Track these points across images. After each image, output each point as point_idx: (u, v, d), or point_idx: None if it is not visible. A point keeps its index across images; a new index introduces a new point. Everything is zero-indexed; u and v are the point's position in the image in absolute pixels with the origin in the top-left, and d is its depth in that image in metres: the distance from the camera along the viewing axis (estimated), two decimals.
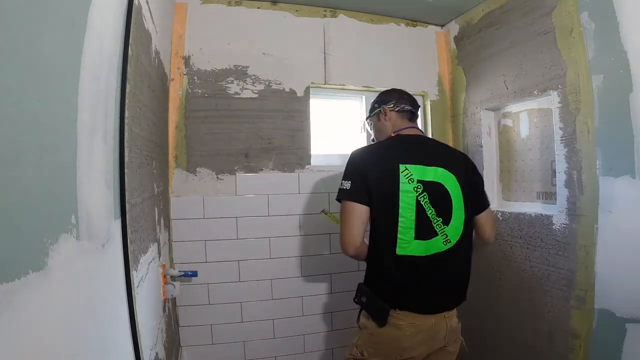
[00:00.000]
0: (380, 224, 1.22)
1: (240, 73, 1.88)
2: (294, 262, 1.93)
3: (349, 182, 1.22)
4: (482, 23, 1.96)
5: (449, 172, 1.25)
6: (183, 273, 1.59)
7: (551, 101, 1.58)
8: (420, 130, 1.39)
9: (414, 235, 1.19)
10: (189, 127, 1.81)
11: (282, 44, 1.96)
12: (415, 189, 1.20)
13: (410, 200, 1.19)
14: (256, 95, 1.90)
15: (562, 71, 1.52)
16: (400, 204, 1.18)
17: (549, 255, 1.60)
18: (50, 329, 0.47)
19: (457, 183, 1.26)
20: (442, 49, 2.28)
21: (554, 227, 1.57)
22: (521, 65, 1.72)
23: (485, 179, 1.99)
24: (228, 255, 1.84)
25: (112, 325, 0.72)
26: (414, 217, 1.19)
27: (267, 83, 1.92)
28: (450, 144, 2.27)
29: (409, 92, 1.44)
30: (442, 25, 2.28)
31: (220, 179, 1.84)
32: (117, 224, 0.78)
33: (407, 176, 1.20)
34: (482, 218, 1.37)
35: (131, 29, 0.86)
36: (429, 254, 1.21)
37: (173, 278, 1.55)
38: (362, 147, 1.32)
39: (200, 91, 1.83)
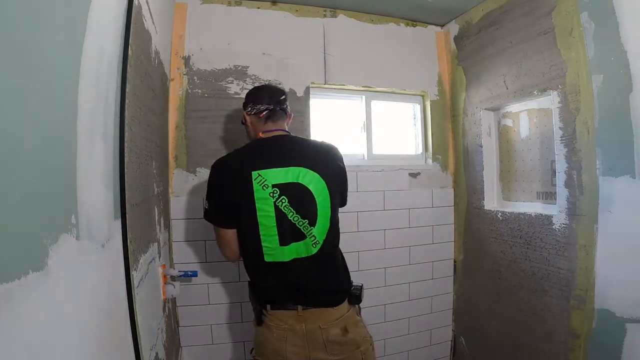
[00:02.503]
0: (244, 233, 1.20)
1: (240, 73, 1.88)
2: None
3: (209, 202, 1.22)
4: (482, 23, 1.96)
5: (311, 171, 1.20)
6: (183, 273, 1.58)
7: (551, 101, 1.58)
8: (283, 129, 1.31)
9: (278, 242, 1.17)
10: (189, 127, 1.81)
11: (282, 44, 1.96)
12: (272, 194, 1.16)
13: (267, 207, 1.16)
14: None
15: (562, 71, 1.52)
16: (258, 212, 1.16)
17: (549, 255, 1.60)
18: (50, 328, 0.47)
19: (322, 180, 1.21)
20: (442, 49, 2.28)
21: (554, 227, 1.57)
22: (521, 65, 1.72)
23: (485, 179, 2.01)
24: None
25: (112, 325, 0.72)
26: (274, 224, 1.16)
27: (267, 83, 1.92)
28: (450, 144, 2.27)
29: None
30: (442, 25, 2.28)
31: None
32: (117, 224, 0.78)
33: (260, 183, 1.16)
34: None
35: (131, 29, 0.86)
36: (299, 256, 1.19)
37: (173, 278, 1.55)
38: (221, 158, 1.28)
39: (200, 91, 1.83)
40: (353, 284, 1.30)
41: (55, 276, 0.47)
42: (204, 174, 1.82)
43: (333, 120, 2.18)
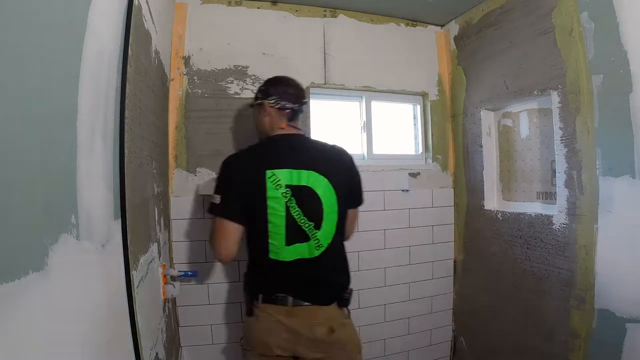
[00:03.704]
0: (252, 229, 1.22)
1: (240, 73, 1.88)
2: None
3: (219, 196, 1.20)
4: (482, 23, 1.96)
5: (320, 175, 1.23)
6: (183, 273, 1.58)
7: (551, 101, 1.58)
8: (298, 129, 1.34)
9: (284, 241, 1.19)
10: (189, 127, 1.81)
11: (282, 44, 1.95)
12: (284, 194, 1.18)
13: (278, 206, 1.18)
14: None
15: (562, 71, 1.52)
16: (268, 210, 1.18)
17: (549, 255, 1.60)
18: (50, 329, 0.47)
19: (330, 185, 1.24)
20: (442, 49, 2.28)
21: (554, 227, 1.57)
22: (521, 65, 1.72)
23: (485, 179, 2.01)
24: None
25: (112, 325, 0.72)
26: (283, 223, 1.18)
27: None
28: (450, 144, 2.27)
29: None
30: (442, 25, 2.28)
31: None
32: (117, 224, 0.78)
33: (274, 182, 1.18)
34: (351, 213, 1.37)
35: (131, 29, 0.86)
36: (301, 257, 1.21)
37: (173, 278, 1.55)
38: (233, 154, 1.28)
39: (200, 91, 1.83)
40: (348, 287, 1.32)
41: (55, 276, 0.47)
42: (204, 174, 1.82)
43: (333, 120, 2.18)
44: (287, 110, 1.30)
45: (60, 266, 0.49)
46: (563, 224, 1.53)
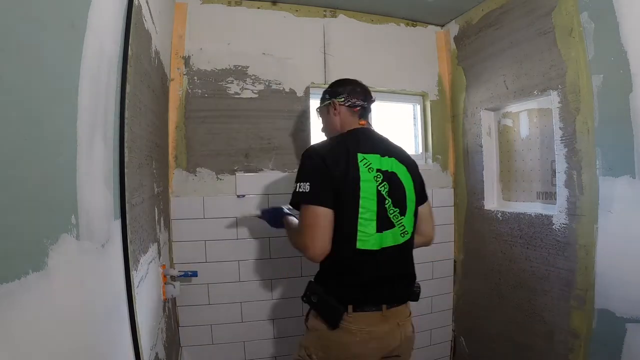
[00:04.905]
0: (340, 218, 1.12)
1: (240, 73, 1.89)
2: (294, 262, 1.93)
3: (308, 183, 1.11)
4: (482, 23, 1.96)
5: (401, 164, 1.23)
6: (183, 273, 1.59)
7: (551, 101, 1.58)
8: (370, 125, 1.34)
9: (375, 228, 1.13)
10: (189, 127, 1.81)
11: (282, 44, 1.96)
12: (375, 178, 1.15)
13: (371, 189, 1.13)
14: (256, 95, 1.90)
15: (562, 71, 1.52)
16: (361, 194, 1.11)
17: (549, 255, 1.60)
18: (50, 329, 0.47)
19: (409, 174, 1.24)
20: (442, 49, 2.28)
21: (554, 227, 1.57)
22: (521, 65, 1.72)
23: (485, 179, 2.01)
24: (228, 255, 1.84)
25: (112, 325, 0.72)
26: (375, 208, 1.13)
27: (267, 83, 1.92)
28: (450, 144, 2.27)
29: (366, 86, 1.38)
30: (442, 25, 2.28)
31: (220, 179, 1.84)
32: (117, 224, 0.78)
33: (366, 165, 1.14)
34: (425, 210, 1.32)
35: (131, 29, 0.86)
36: (386, 245, 1.16)
37: (173, 278, 1.55)
38: (314, 144, 1.24)
39: (200, 91, 1.83)
40: None
41: (55, 276, 0.47)
42: (204, 174, 1.82)
43: None
44: (358, 108, 1.28)
45: (60, 266, 0.49)
46: (563, 224, 1.53)
